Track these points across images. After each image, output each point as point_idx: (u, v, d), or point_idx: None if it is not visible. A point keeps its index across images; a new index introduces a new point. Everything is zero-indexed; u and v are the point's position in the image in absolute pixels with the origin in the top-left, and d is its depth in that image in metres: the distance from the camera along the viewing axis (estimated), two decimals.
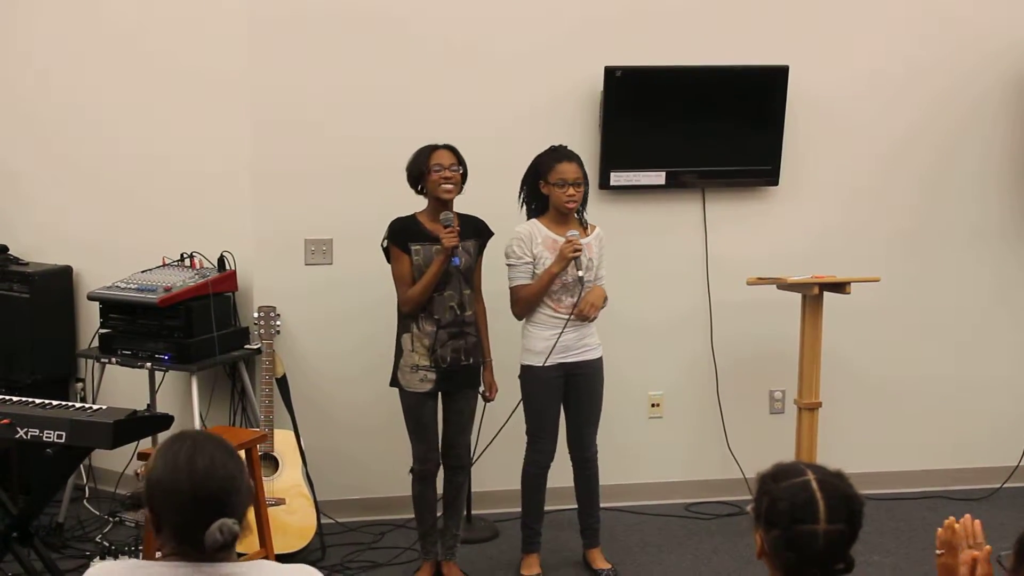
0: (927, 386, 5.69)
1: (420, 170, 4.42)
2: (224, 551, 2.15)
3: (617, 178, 5.27)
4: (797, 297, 5.01)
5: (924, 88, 5.54)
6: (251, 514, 4.40)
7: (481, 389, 4.66)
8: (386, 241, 4.47)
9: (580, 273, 4.43)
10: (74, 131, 5.47)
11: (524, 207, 4.61)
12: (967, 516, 2.50)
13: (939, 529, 2.52)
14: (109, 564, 2.27)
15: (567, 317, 4.49)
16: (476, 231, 4.54)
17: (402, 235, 4.43)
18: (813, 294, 4.91)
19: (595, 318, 4.57)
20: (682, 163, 5.34)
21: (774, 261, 5.32)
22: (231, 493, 2.15)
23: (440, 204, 4.42)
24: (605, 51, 5.18)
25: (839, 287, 4.91)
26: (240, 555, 4.48)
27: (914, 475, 5.71)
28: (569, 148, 4.56)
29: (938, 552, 2.51)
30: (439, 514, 4.67)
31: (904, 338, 5.66)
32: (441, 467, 4.60)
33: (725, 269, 5.40)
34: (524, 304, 4.54)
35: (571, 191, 4.46)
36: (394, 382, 4.50)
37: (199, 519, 2.12)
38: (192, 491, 2.13)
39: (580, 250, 4.42)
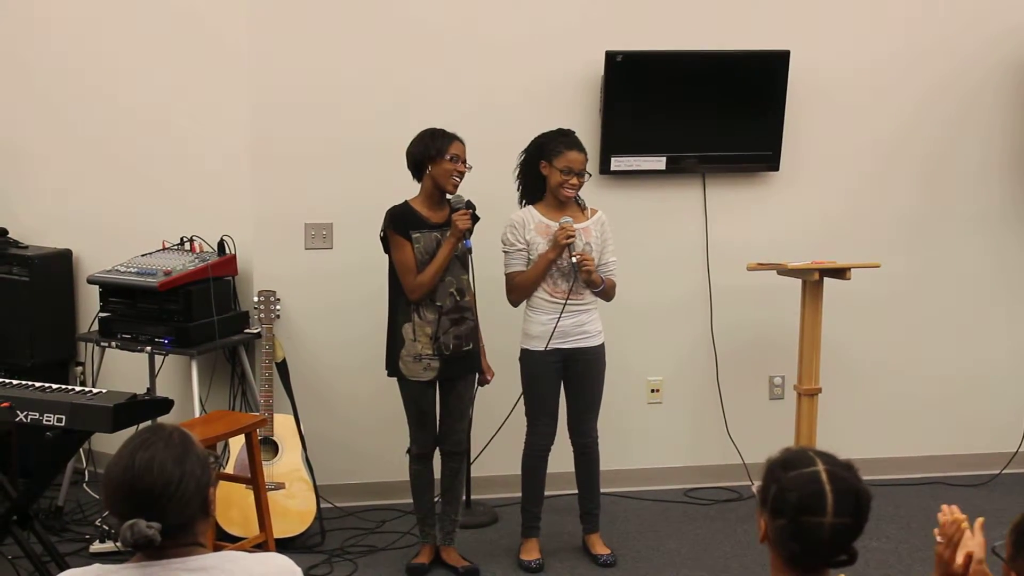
0: (927, 372, 5.69)
1: (432, 153, 4.34)
2: (147, 549, 2.11)
3: (618, 163, 5.26)
4: (797, 283, 5.01)
5: (925, 73, 5.52)
6: (253, 507, 4.40)
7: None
8: (385, 230, 4.43)
9: (574, 259, 4.41)
10: (75, 115, 5.45)
11: (518, 184, 4.57)
12: (955, 509, 2.48)
13: (939, 515, 2.49)
14: (75, 571, 2.21)
15: (563, 302, 4.47)
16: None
17: (402, 222, 4.38)
18: (813, 280, 4.91)
19: (589, 272, 4.41)
20: (683, 148, 5.33)
21: (774, 247, 5.31)
22: (161, 497, 2.09)
23: (439, 193, 4.39)
24: (606, 36, 5.17)
25: (839, 273, 4.91)
26: (239, 539, 4.51)
27: (913, 461, 5.71)
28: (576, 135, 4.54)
29: (939, 540, 2.48)
30: (437, 498, 4.68)
31: (904, 324, 5.66)
32: (438, 452, 4.60)
33: (725, 255, 5.40)
34: (519, 291, 4.53)
35: (575, 180, 4.45)
36: (394, 372, 4.47)
37: (127, 513, 2.09)
38: (123, 484, 2.11)
39: (573, 236, 4.40)
